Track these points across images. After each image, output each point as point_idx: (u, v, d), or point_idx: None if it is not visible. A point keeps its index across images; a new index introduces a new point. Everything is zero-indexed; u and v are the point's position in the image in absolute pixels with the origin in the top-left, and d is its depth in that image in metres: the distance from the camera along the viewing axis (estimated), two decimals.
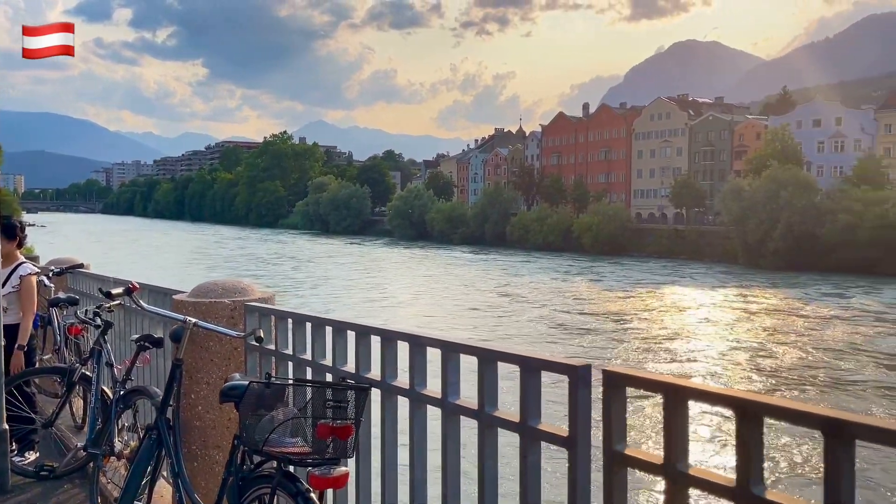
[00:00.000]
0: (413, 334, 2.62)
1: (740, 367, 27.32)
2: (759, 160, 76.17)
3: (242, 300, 3.81)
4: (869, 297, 48.34)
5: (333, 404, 2.65)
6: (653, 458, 1.79)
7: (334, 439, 2.62)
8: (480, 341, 2.46)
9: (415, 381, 2.61)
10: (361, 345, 2.91)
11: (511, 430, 2.20)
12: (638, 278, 60.77)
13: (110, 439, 4.31)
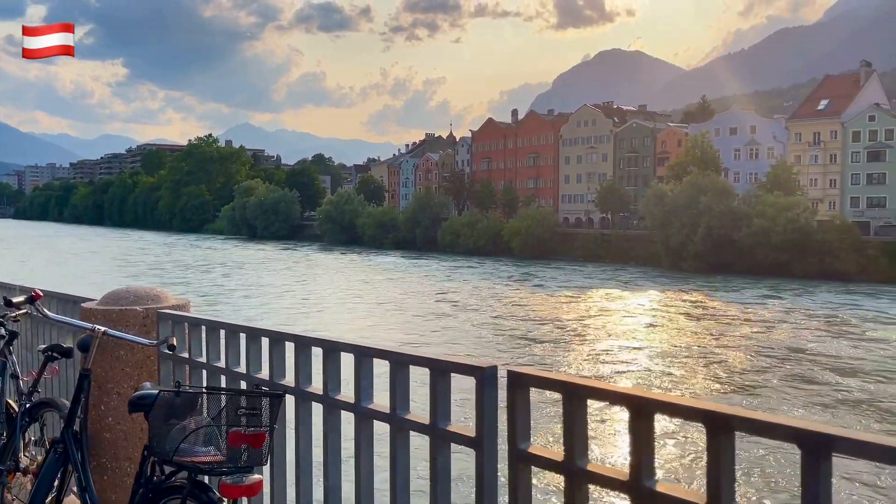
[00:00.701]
0: (327, 340, 2.62)
1: (656, 365, 28.24)
2: (680, 166, 78.85)
3: (155, 307, 3.72)
4: (779, 297, 50.75)
5: (247, 412, 2.63)
6: (554, 456, 1.85)
7: (248, 447, 2.60)
8: (394, 345, 2.49)
9: (328, 386, 2.61)
10: (276, 351, 2.89)
11: (421, 432, 2.24)
12: (564, 281, 62.00)
13: (15, 454, 4.13)
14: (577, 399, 1.78)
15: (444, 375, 2.18)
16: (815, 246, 64.92)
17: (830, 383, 25.65)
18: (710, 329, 37.66)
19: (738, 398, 23.58)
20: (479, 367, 2.03)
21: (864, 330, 37.59)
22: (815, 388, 24.94)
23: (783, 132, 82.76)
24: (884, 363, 29.19)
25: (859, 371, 27.68)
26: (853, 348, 32.40)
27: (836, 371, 27.59)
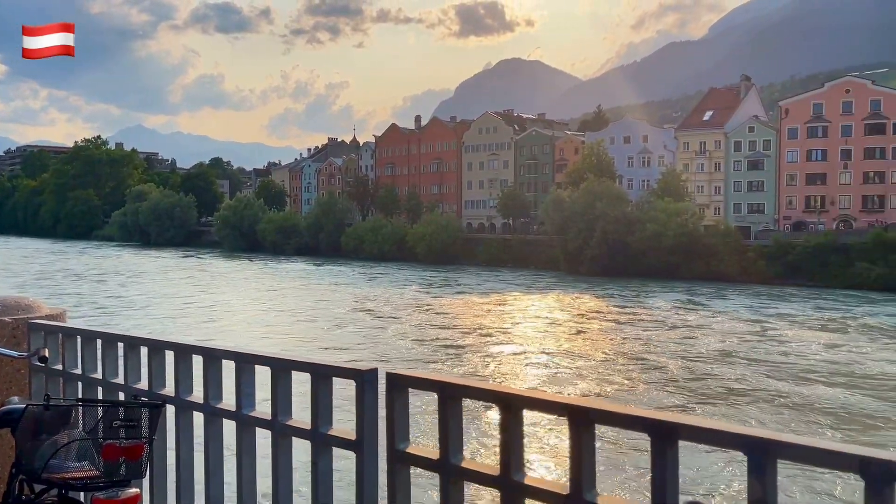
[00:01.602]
0: (207, 347, 2.57)
1: (551, 365, 29.10)
2: (578, 173, 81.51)
3: (26, 318, 3.52)
4: (668, 299, 53.31)
5: (125, 424, 2.54)
6: (431, 455, 1.89)
7: (125, 460, 2.51)
8: (277, 352, 2.47)
9: (209, 395, 2.56)
10: (155, 360, 2.80)
11: (303, 437, 2.23)
12: (467, 286, 62.80)
13: None
14: (451, 399, 1.83)
15: (326, 380, 2.19)
16: (702, 249, 68.65)
17: (700, 373, 27.18)
18: (599, 329, 39.12)
19: (622, 393, 24.61)
20: (358, 371, 2.06)
21: (739, 326, 40.04)
22: (676, 377, 26.36)
23: (673, 141, 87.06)
24: (748, 354, 31.21)
25: (726, 362, 29.47)
26: (725, 343, 34.46)
27: (710, 361, 29.28)
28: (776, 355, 31.99)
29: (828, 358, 31.42)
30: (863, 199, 74.78)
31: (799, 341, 35.64)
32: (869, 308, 48.47)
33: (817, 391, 25.25)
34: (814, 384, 26.29)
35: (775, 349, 33.49)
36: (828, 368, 29.13)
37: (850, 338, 36.91)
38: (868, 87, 77.78)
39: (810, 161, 77.21)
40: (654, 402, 23.57)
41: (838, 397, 24.46)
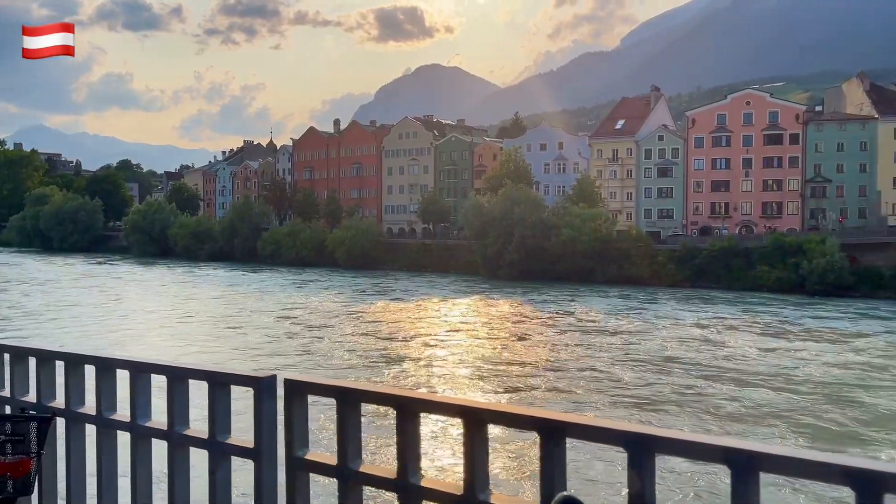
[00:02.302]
0: (99, 356, 2.47)
1: (459, 368, 29.41)
2: (496, 179, 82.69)
3: None
4: (582, 302, 54.75)
5: (12, 438, 2.41)
6: (329, 461, 1.89)
7: (10, 476, 2.39)
8: (173, 360, 2.40)
9: (102, 406, 2.47)
10: (44, 371, 2.67)
11: (200, 447, 2.18)
12: (386, 291, 62.64)
13: None
14: (349, 404, 1.83)
15: (223, 388, 2.15)
16: (615, 254, 70.84)
17: (601, 372, 28.09)
18: (512, 332, 39.79)
19: (524, 394, 25.13)
20: (257, 378, 2.03)
21: (645, 327, 41.55)
22: (580, 377, 27.19)
23: (587, 149, 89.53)
24: (648, 354, 32.46)
25: (628, 361, 30.56)
26: (629, 344, 35.71)
27: (611, 361, 30.27)
28: (676, 354, 33.34)
29: (725, 355, 32.99)
30: (762, 205, 78.94)
31: (700, 340, 37.27)
32: (767, 308, 51.18)
33: (711, 388, 26.46)
34: (709, 381, 27.54)
35: (677, 348, 34.91)
36: (724, 366, 30.58)
37: (746, 337, 38.86)
38: (767, 100, 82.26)
39: (715, 169, 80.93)
40: (552, 402, 24.15)
41: (730, 393, 25.71)
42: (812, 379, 28.21)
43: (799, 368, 30.25)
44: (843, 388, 26.61)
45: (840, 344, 36.73)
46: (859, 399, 24.95)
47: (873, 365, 31.19)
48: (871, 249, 62.56)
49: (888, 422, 22.25)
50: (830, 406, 23.93)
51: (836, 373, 29.41)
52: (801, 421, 22.25)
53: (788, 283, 60.98)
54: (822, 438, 20.63)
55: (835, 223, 72.20)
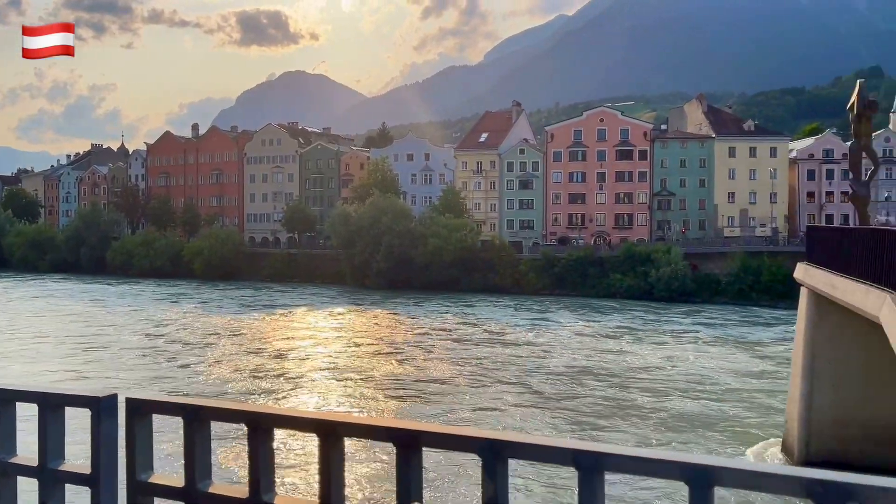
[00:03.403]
0: None
1: (326, 382, 29.05)
2: (363, 188, 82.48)
3: None
4: (446, 310, 55.63)
5: None
6: (175, 483, 1.77)
7: None
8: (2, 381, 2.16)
9: None
10: None
11: (29, 475, 1.98)
12: (248, 302, 60.66)
13: None
14: (198, 422, 1.72)
15: (56, 410, 1.96)
16: (480, 263, 72.65)
17: (466, 379, 28.77)
18: (381, 342, 39.75)
19: (393, 404, 25.22)
20: (94, 398, 1.87)
21: (509, 334, 42.91)
22: (445, 382, 27.76)
23: (453, 160, 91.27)
24: (517, 360, 33.62)
25: (490, 368, 31.49)
26: (495, 350, 36.77)
27: (478, 370, 31.05)
28: (534, 359, 34.63)
29: (577, 358, 34.65)
30: (615, 216, 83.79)
31: (557, 345, 38.93)
32: (620, 314, 54.27)
33: (562, 388, 27.71)
34: (563, 383, 28.82)
35: (535, 354, 36.25)
36: (577, 367, 32.11)
37: (599, 340, 41.03)
38: (618, 117, 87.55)
39: (572, 182, 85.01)
40: (413, 411, 24.34)
41: (580, 392, 27.04)
42: (654, 377, 30.19)
43: (646, 368, 32.27)
44: (677, 385, 28.68)
45: (681, 345, 39.59)
46: (694, 394, 26.99)
47: (706, 364, 33.85)
48: (709, 258, 68.03)
49: (698, 414, 24.19)
50: (666, 401, 25.70)
51: (672, 371, 31.65)
52: (636, 414, 23.73)
53: (639, 290, 65.02)
54: (643, 427, 22.07)
55: (678, 234, 77.88)
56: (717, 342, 40.96)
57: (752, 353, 37.07)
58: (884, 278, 12.21)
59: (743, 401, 26.21)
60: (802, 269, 19.53)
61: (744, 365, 33.59)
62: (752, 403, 25.77)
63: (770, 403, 25.05)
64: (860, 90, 20.56)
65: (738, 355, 36.34)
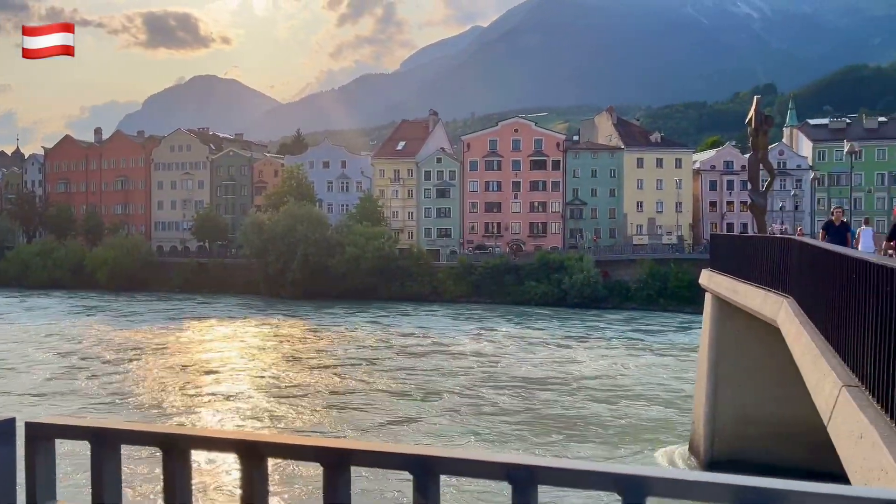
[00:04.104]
0: None
1: (243, 398, 28.28)
2: (278, 196, 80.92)
3: None
4: (366, 319, 55.23)
5: None
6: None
7: None
8: None
9: None
10: None
11: None
12: (155, 314, 58.35)
13: None
14: (106, 446, 1.63)
15: None
16: (398, 271, 72.55)
17: (385, 391, 28.68)
18: (298, 354, 39.06)
19: (314, 419, 24.81)
20: None
21: (427, 342, 43.00)
22: (364, 397, 27.62)
23: (370, 168, 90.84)
24: (435, 368, 33.73)
25: (410, 378, 31.51)
26: (413, 358, 36.78)
27: (397, 380, 30.99)
28: (452, 367, 34.82)
29: (495, 364, 35.07)
30: (530, 225, 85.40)
31: (470, 351, 39.27)
32: (534, 320, 55.27)
33: (483, 395, 28.00)
34: (482, 389, 29.10)
35: (453, 361, 36.46)
36: (493, 373, 32.49)
37: (514, 346, 41.66)
38: (532, 128, 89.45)
39: (488, 191, 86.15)
40: (339, 426, 24.03)
41: (496, 399, 27.38)
42: (567, 382, 30.87)
43: (559, 374, 32.95)
44: (589, 389, 29.43)
45: (593, 350, 40.65)
46: (606, 398, 27.75)
47: (617, 369, 34.90)
48: (619, 266, 70.30)
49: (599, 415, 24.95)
50: (579, 406, 26.33)
51: (584, 376, 32.47)
52: (549, 420, 24.20)
53: (553, 297, 66.45)
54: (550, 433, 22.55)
55: (590, 242, 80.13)
56: (627, 347, 42.29)
57: (661, 356, 38.47)
58: (781, 284, 12.90)
59: (653, 403, 27.14)
60: (707, 275, 20.44)
61: (652, 368, 34.81)
62: (661, 406, 26.71)
63: (679, 405, 26.03)
64: (757, 106, 21.75)
65: (647, 359, 37.62)
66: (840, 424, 6.38)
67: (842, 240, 13.38)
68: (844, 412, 6.31)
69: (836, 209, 15.48)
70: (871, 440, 5.33)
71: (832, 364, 7.44)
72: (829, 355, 7.81)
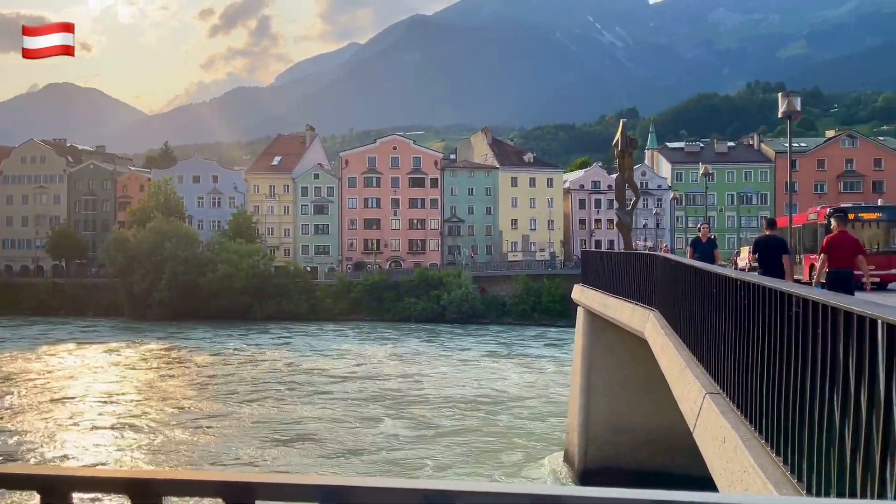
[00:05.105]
0: None
1: (105, 431, 26.50)
2: (144, 212, 76.82)
3: None
4: (239, 339, 53.31)
5: None
6: None
7: None
8: None
9: None
10: None
11: None
12: (4, 342, 53.55)
13: None
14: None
15: None
16: (274, 290, 70.62)
17: (268, 418, 27.85)
18: (165, 379, 37.12)
19: (197, 450, 23.65)
20: None
21: (302, 363, 42.09)
22: (243, 425, 26.74)
23: (243, 183, 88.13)
24: (311, 390, 33.10)
25: (288, 402, 30.77)
26: (288, 381, 35.91)
27: (275, 403, 30.13)
28: (327, 383, 34.27)
29: (370, 381, 34.83)
30: (409, 242, 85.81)
31: (346, 368, 38.83)
32: (413, 337, 55.43)
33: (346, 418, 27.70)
34: (353, 409, 28.80)
35: (330, 378, 35.89)
36: (366, 391, 32.26)
37: (390, 363, 41.57)
38: (411, 146, 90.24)
39: (367, 208, 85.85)
40: (236, 458, 23.03)
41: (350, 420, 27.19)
42: (448, 397, 31.10)
43: (438, 389, 33.15)
44: (469, 404, 29.81)
45: (472, 365, 41.25)
46: (483, 411, 28.18)
47: (494, 383, 35.58)
48: (496, 281, 71.94)
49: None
50: (460, 420, 26.60)
51: (465, 390, 32.87)
52: (431, 435, 24.30)
53: (432, 313, 66.97)
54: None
55: (468, 259, 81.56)
56: (504, 361, 43.21)
57: (537, 369, 39.58)
58: (647, 298, 13.61)
59: (530, 415, 27.80)
60: (579, 290, 21.26)
61: (529, 381, 35.72)
62: (538, 417, 27.42)
63: (555, 416, 26.82)
64: (623, 130, 23.03)
65: (523, 372, 38.58)
66: (705, 430, 6.74)
67: (709, 256, 13.83)
68: (708, 418, 6.68)
69: (703, 226, 16.06)
70: (733, 444, 5.65)
71: (696, 373, 7.87)
72: (693, 365, 8.27)
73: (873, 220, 19.98)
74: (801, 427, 4.25)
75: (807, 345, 4.18)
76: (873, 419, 3.23)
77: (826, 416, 3.86)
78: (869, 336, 3.23)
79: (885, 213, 20.44)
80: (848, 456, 3.53)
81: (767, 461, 4.92)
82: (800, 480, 4.31)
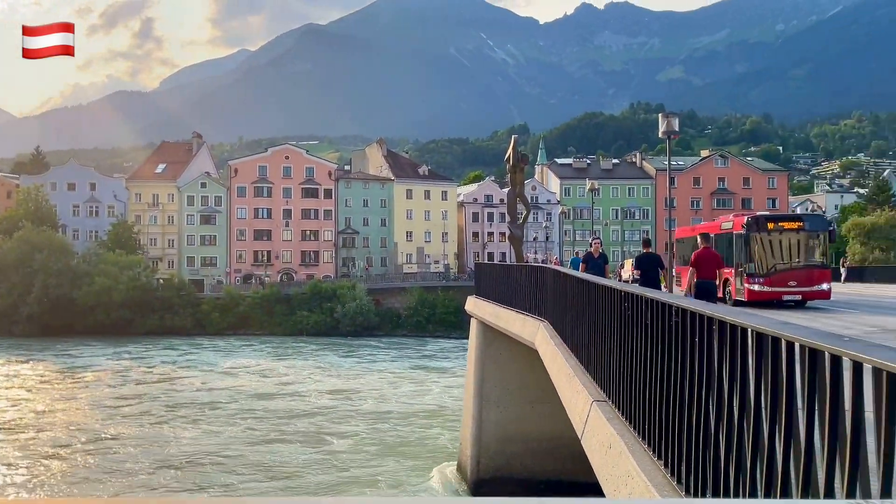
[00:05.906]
0: None
1: None
2: (11, 220, 71.64)
3: None
4: (116, 356, 50.45)
5: None
6: None
7: None
8: None
9: None
10: None
11: None
12: None
13: None
14: None
15: None
16: (156, 303, 67.42)
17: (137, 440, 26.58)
18: (36, 400, 34.69)
19: (70, 478, 22.21)
20: None
21: (183, 381, 40.43)
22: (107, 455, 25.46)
23: (124, 191, 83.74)
24: (192, 409, 31.88)
25: (159, 422, 29.53)
26: (168, 400, 34.43)
27: (148, 425, 28.80)
28: (210, 402, 33.10)
29: (259, 398, 33.93)
30: (302, 254, 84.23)
31: (230, 385, 37.66)
32: (304, 351, 54.37)
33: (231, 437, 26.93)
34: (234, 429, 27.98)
35: (213, 396, 34.67)
36: (256, 407, 31.42)
37: (278, 378, 40.66)
38: (304, 156, 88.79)
39: (257, 218, 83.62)
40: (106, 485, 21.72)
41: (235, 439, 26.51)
42: (341, 410, 30.71)
43: (332, 403, 32.66)
44: (363, 416, 29.58)
45: (365, 378, 40.91)
46: (376, 423, 28.02)
47: (389, 395, 35.48)
48: (391, 293, 71.82)
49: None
50: (352, 433, 26.33)
51: (357, 403, 32.57)
52: (325, 449, 23.93)
53: (325, 326, 65.94)
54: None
55: (363, 271, 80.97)
56: (398, 373, 43.13)
57: (431, 381, 39.73)
58: (538, 309, 13.96)
59: (424, 425, 27.84)
60: (472, 301, 21.56)
61: (423, 392, 35.80)
62: (432, 427, 27.49)
63: (449, 427, 26.97)
64: (514, 146, 23.58)
65: (417, 383, 38.63)
66: (592, 437, 6.96)
67: (600, 270, 14.31)
68: (595, 426, 6.91)
69: (594, 240, 16.50)
70: (618, 449, 5.86)
71: (584, 382, 8.13)
72: (581, 374, 8.54)
73: (793, 230, 17.63)
74: (681, 432, 4.47)
75: (685, 353, 4.41)
76: (744, 423, 3.44)
77: (702, 420, 4.07)
78: (740, 343, 3.45)
79: (807, 222, 18.27)
80: (722, 458, 3.73)
81: (650, 465, 5.12)
82: (679, 483, 4.52)
